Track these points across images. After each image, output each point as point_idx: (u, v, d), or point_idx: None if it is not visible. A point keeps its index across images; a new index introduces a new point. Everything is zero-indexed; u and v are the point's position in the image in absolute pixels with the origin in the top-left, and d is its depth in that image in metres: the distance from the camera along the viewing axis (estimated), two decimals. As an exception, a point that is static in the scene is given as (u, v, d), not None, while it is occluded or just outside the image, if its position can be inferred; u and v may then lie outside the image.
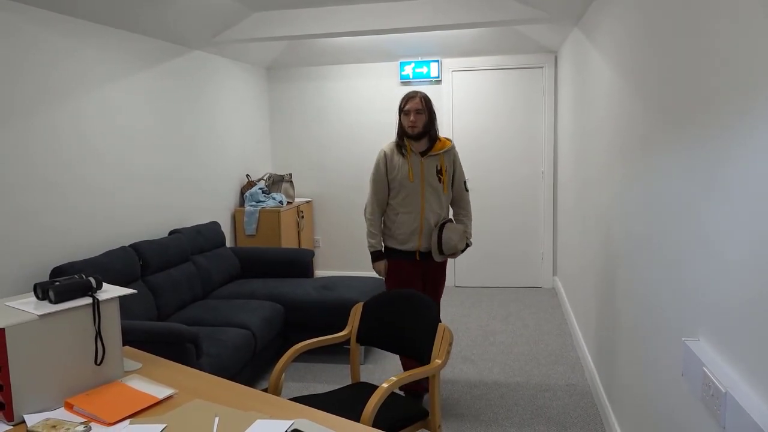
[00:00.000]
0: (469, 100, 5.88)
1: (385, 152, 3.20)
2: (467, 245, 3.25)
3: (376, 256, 3.24)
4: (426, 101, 3.14)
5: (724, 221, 1.45)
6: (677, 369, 1.80)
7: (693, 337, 1.67)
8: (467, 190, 3.31)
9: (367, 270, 6.20)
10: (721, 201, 1.47)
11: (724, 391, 1.35)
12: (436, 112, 3.30)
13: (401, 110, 3.16)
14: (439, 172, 3.16)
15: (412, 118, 3.11)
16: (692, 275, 1.68)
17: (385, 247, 3.26)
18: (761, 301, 1.24)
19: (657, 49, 2.09)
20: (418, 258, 3.21)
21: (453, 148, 3.24)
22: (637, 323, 2.38)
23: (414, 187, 3.14)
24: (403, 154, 3.16)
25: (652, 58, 2.17)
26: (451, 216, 3.42)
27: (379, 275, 3.29)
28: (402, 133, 3.17)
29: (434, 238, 3.16)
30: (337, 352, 4.20)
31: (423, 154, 3.16)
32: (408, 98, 3.14)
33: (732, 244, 1.40)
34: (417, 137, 3.14)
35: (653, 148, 2.13)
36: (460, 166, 3.28)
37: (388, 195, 3.21)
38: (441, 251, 3.18)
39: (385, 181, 3.19)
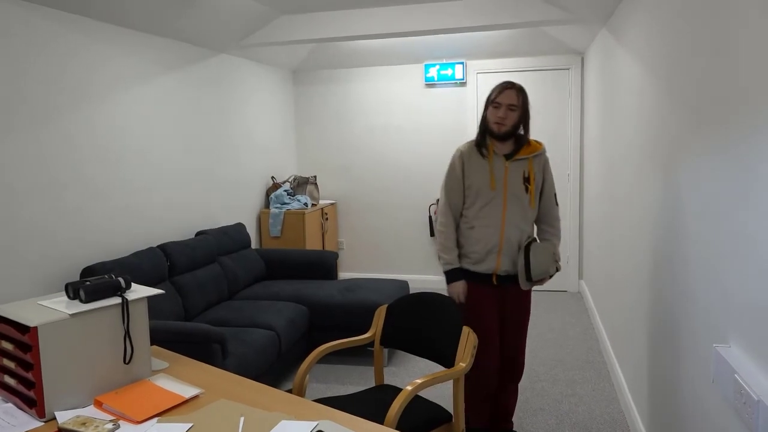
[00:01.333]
0: (494, 102, 5.84)
1: (461, 152, 2.68)
2: (557, 269, 2.69)
3: (452, 276, 2.71)
4: (523, 96, 2.61)
5: (758, 224, 1.42)
6: (708, 376, 1.77)
7: (724, 343, 1.63)
8: (557, 204, 2.76)
9: (391, 272, 6.19)
10: (755, 203, 1.43)
11: (756, 399, 1.31)
12: (530, 111, 2.67)
13: (490, 101, 2.61)
14: (527, 180, 2.62)
15: (501, 113, 2.57)
16: (724, 280, 1.65)
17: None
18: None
19: (688, 47, 2.05)
20: (495, 282, 2.69)
21: (544, 152, 2.71)
22: (666, 328, 2.34)
23: (495, 196, 2.61)
24: (483, 155, 2.63)
25: (683, 58, 2.13)
26: (535, 234, 2.79)
27: (458, 299, 2.71)
28: (485, 129, 2.64)
29: (521, 261, 2.62)
30: (360, 354, 4.20)
31: (508, 157, 2.63)
32: (502, 88, 2.59)
33: (761, 248, 1.36)
34: (503, 137, 2.61)
35: (685, 150, 2.09)
36: (551, 175, 2.74)
37: (463, 203, 2.69)
38: (529, 277, 2.63)
39: (460, 186, 2.67)
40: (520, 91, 2.60)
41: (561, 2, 3.96)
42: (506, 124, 2.58)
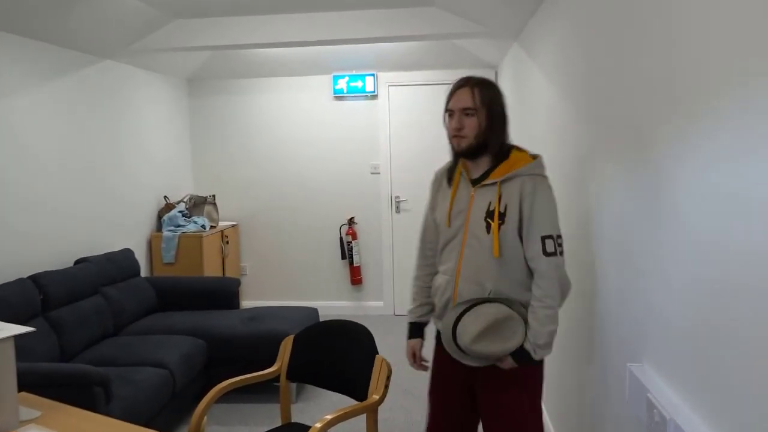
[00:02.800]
0: (407, 116, 5.97)
1: (435, 175, 2.26)
2: (528, 355, 1.97)
3: (409, 329, 2.29)
4: (485, 92, 2.06)
5: (668, 245, 1.52)
6: (623, 395, 1.87)
7: (637, 362, 1.73)
8: (552, 253, 1.96)
9: (299, 299, 6.14)
10: (666, 224, 1.54)
11: (668, 417, 1.40)
12: (497, 112, 2.07)
13: (445, 109, 2.15)
14: (490, 215, 2.01)
15: (455, 122, 2.06)
16: (638, 299, 1.76)
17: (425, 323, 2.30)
18: (703, 325, 1.31)
19: (593, 65, 2.19)
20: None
21: (530, 170, 2.01)
22: (582, 347, 2.45)
23: (454, 236, 2.10)
24: (450, 180, 2.17)
25: (588, 75, 2.27)
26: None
27: (409, 360, 2.29)
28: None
29: (446, 321, 2.06)
30: (266, 391, 4.13)
31: (476, 181, 2.09)
32: (454, 89, 2.13)
33: (673, 268, 1.47)
34: (469, 154, 2.07)
35: (594, 167, 2.22)
36: (542, 206, 1.98)
37: (438, 241, 2.20)
38: (457, 346, 2.04)
39: (430, 218, 2.24)
40: (477, 85, 2.06)
41: (472, 15, 4.13)
42: (466, 136, 2.03)
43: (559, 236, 1.96)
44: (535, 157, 2.04)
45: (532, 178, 1.99)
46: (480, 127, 2.02)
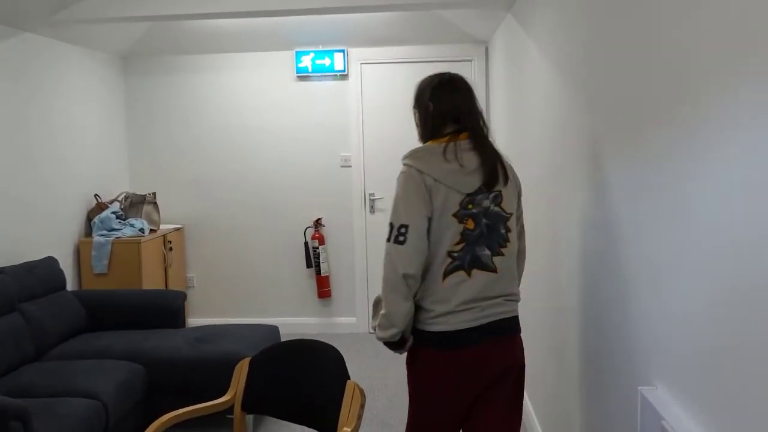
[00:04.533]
0: (382, 99, 5.98)
1: None
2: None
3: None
4: (415, 92, 2.62)
5: (684, 253, 1.54)
6: (634, 423, 1.89)
7: (649, 385, 1.76)
8: (387, 240, 2.38)
9: (256, 315, 6.12)
10: (678, 226, 1.57)
11: (685, 448, 1.42)
12: (418, 103, 2.59)
13: None
14: None
15: None
16: (648, 311, 1.78)
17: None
18: (726, 342, 1.33)
19: (600, 38, 2.22)
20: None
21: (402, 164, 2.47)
22: (588, 369, 2.48)
23: None
24: None
25: (594, 50, 2.30)
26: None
27: None
28: None
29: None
30: (217, 424, 4.10)
31: None
32: None
33: (690, 275, 1.49)
34: None
35: (599, 160, 2.25)
36: (394, 195, 2.42)
37: None
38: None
39: None
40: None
41: (459, -19, 4.15)
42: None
43: (400, 225, 2.32)
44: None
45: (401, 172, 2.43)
46: (418, 128, 2.59)
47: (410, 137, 2.97)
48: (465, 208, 2.32)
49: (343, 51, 5.93)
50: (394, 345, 2.38)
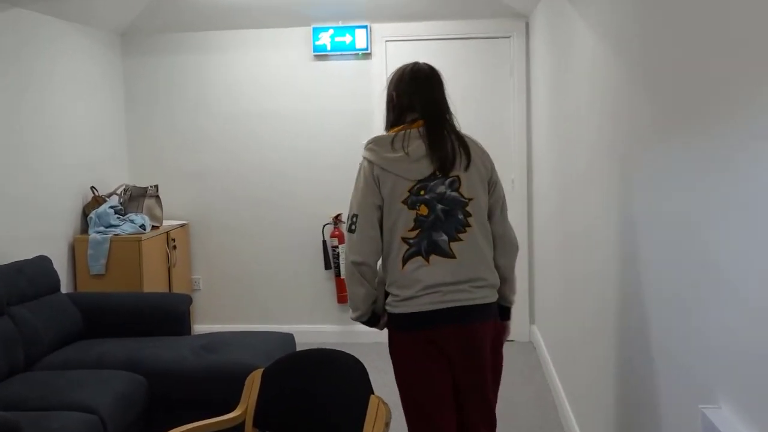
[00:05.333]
0: (410, 81, 5.96)
1: None
2: None
3: None
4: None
5: (748, 247, 1.52)
6: (694, 448, 1.87)
7: (712, 403, 1.74)
8: (345, 229, 2.90)
9: (268, 321, 6.13)
10: (743, 222, 1.54)
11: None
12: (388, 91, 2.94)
13: None
14: None
15: None
16: (707, 323, 1.76)
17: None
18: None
19: (661, 11, 2.19)
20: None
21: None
22: (642, 387, 2.46)
23: None
24: None
25: (654, 25, 2.27)
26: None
27: None
28: None
29: None
30: (226, 442, 4.14)
31: None
32: None
33: (758, 277, 1.47)
34: None
35: (654, 147, 2.22)
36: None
37: None
38: None
39: None
40: None
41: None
42: None
43: (352, 215, 2.75)
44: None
45: None
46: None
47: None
48: (416, 195, 2.67)
49: (365, 27, 5.92)
50: (368, 323, 2.88)
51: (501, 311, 2.94)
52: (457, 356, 2.72)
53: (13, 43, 4.72)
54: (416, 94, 2.81)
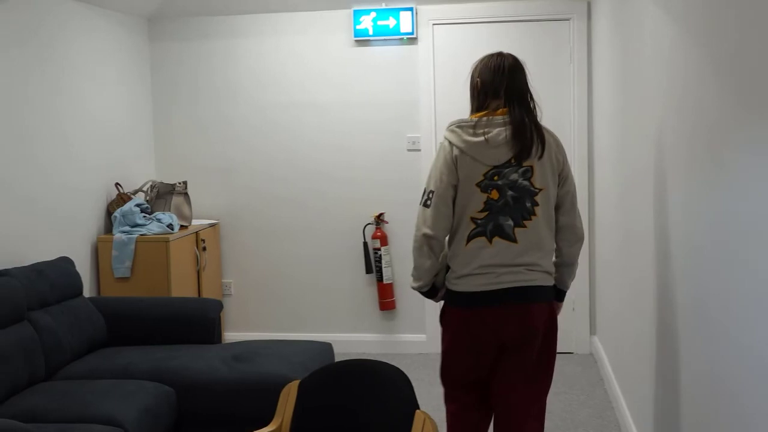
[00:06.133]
0: (459, 68, 5.92)
1: None
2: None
3: None
4: None
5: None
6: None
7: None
8: (421, 203, 3.30)
9: (305, 330, 6.15)
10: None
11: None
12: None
13: None
14: None
15: None
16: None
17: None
18: None
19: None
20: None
21: None
22: (725, 405, 2.42)
23: None
24: None
25: (735, 8, 2.24)
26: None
27: None
28: None
29: None
30: (259, 460, 4.16)
31: None
32: None
33: None
34: None
35: (733, 139, 2.19)
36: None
37: None
38: None
39: None
40: None
41: None
42: None
43: (428, 191, 3.12)
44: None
45: None
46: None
47: (494, 114, 3.09)
48: (490, 179, 3.05)
49: (411, 9, 5.91)
50: (426, 294, 3.28)
51: (557, 293, 3.31)
52: (509, 335, 3.09)
53: (31, 28, 4.76)
54: (501, 83, 3.12)
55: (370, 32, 5.96)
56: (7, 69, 4.51)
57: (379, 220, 6.05)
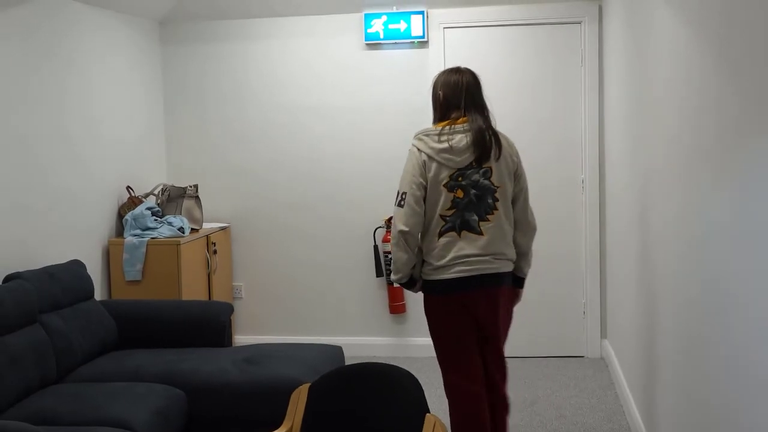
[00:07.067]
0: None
1: None
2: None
3: None
4: None
5: None
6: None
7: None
8: (395, 204, 3.71)
9: (315, 333, 6.15)
10: None
11: None
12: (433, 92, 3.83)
13: None
14: None
15: None
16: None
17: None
18: None
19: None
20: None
21: None
22: (740, 409, 2.41)
23: None
24: None
25: (747, 9, 2.22)
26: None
27: None
28: None
29: None
30: (269, 463, 4.16)
31: None
32: None
33: None
34: None
35: (750, 141, 2.18)
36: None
37: None
38: None
39: None
40: None
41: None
42: None
43: (401, 192, 3.60)
44: None
45: None
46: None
47: (507, 117, 3.16)
48: (455, 180, 3.50)
49: (422, 13, 5.91)
50: (405, 285, 3.73)
51: (516, 280, 3.76)
52: (480, 313, 3.58)
53: (41, 32, 4.77)
54: (461, 97, 3.62)
55: (381, 36, 5.96)
56: (18, 72, 4.52)
57: (390, 223, 6.03)
